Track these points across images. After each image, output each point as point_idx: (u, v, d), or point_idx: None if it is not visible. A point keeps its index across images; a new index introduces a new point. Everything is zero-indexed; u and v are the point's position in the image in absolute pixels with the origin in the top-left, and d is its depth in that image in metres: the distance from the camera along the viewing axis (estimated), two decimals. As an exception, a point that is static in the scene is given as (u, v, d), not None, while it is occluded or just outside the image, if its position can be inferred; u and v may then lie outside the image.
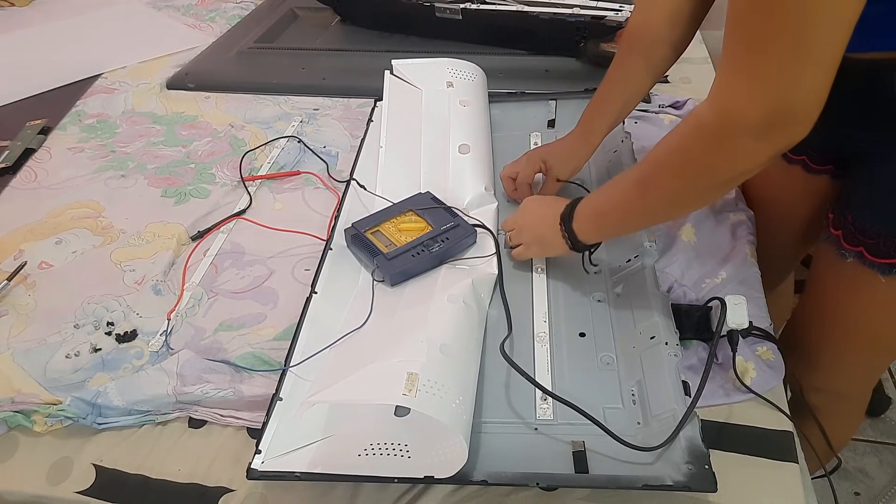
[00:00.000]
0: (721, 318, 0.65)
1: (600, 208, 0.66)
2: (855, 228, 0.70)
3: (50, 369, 0.71)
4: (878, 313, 0.73)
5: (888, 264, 0.67)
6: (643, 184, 0.59)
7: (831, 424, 0.75)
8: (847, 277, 0.72)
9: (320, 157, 1.01)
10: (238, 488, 0.61)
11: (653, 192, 0.59)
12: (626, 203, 0.62)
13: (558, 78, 1.12)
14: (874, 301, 0.72)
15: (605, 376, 0.66)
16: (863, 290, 0.71)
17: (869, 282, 0.69)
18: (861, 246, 0.69)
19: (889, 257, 0.67)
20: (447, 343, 0.61)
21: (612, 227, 0.68)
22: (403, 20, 1.30)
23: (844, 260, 0.71)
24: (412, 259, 0.75)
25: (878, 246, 0.67)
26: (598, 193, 0.66)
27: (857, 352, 0.79)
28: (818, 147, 0.78)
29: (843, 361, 0.80)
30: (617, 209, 0.64)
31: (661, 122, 1.04)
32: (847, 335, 0.78)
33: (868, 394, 0.92)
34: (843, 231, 0.71)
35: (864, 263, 0.69)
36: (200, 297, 0.79)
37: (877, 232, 0.67)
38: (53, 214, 0.93)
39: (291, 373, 0.64)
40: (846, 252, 0.70)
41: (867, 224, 0.68)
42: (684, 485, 0.53)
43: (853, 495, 1.27)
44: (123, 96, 1.21)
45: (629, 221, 0.65)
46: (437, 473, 0.54)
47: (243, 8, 1.54)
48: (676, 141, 0.55)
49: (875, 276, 0.68)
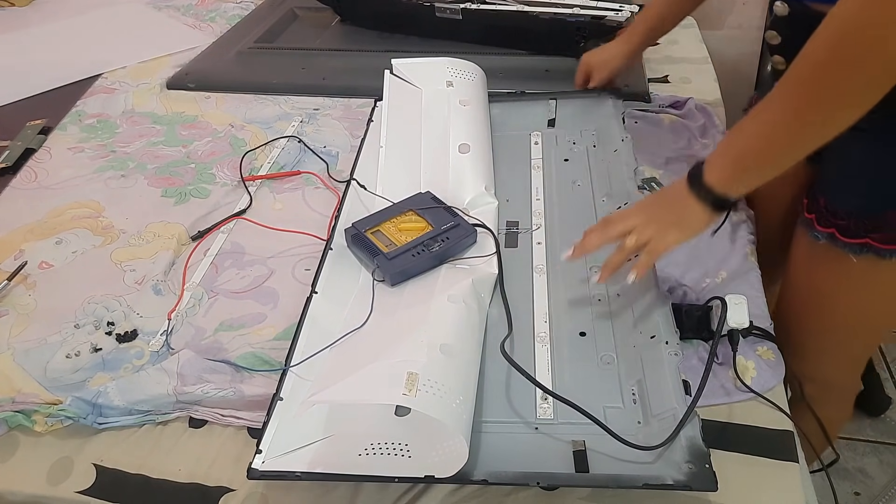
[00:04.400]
0: (722, 318, 0.65)
1: (736, 150, 0.59)
2: (827, 211, 0.71)
3: (50, 369, 0.71)
4: (852, 294, 0.75)
5: (859, 244, 0.69)
6: (784, 104, 0.54)
7: (822, 415, 0.76)
8: (821, 260, 0.74)
9: (320, 157, 1.01)
10: (238, 488, 0.61)
11: (798, 109, 0.53)
12: (769, 132, 0.56)
13: (558, 78, 1.12)
14: (848, 282, 0.73)
15: (606, 376, 0.66)
16: (836, 272, 0.73)
17: (842, 263, 0.71)
18: (833, 228, 0.70)
19: (860, 237, 0.68)
20: (447, 343, 0.61)
21: (753, 168, 0.59)
22: (403, 20, 1.30)
23: (818, 242, 0.72)
24: (412, 259, 0.75)
25: (849, 227, 0.69)
26: (727, 139, 0.60)
27: (836, 336, 0.80)
28: None
29: (826, 348, 0.81)
30: (758, 142, 0.57)
31: (661, 121, 1.04)
32: (825, 319, 0.79)
33: (856, 382, 0.93)
34: (816, 214, 0.72)
35: (836, 245, 0.70)
36: (201, 297, 0.79)
37: (847, 213, 0.69)
38: (53, 214, 0.93)
39: (292, 373, 0.64)
40: (819, 234, 0.72)
41: (838, 206, 0.70)
42: (685, 484, 0.53)
43: (853, 495, 1.27)
44: (123, 96, 1.21)
45: (773, 154, 0.57)
46: (437, 473, 0.54)
47: (243, 8, 1.54)
48: (813, 48, 0.50)
49: (847, 256, 0.70)
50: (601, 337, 0.69)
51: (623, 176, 0.85)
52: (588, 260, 0.78)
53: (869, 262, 0.69)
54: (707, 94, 1.11)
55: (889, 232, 0.67)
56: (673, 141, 1.00)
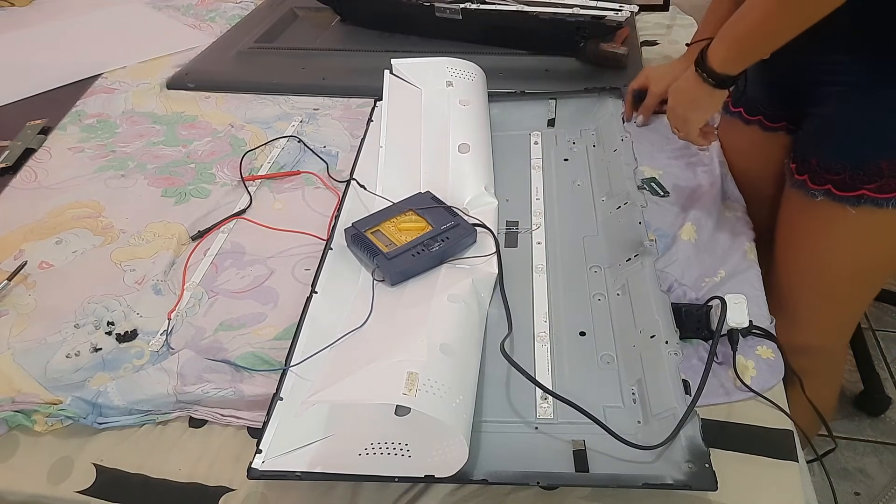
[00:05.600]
0: (721, 318, 0.65)
1: (731, 36, 0.68)
2: (821, 169, 0.74)
3: (50, 369, 0.71)
4: (850, 246, 0.77)
5: (856, 196, 0.72)
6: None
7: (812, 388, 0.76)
8: (817, 217, 0.77)
9: (320, 156, 1.01)
10: (238, 488, 0.61)
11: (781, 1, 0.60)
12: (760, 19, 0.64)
13: (558, 78, 1.12)
14: (847, 235, 0.76)
15: (606, 375, 0.66)
16: (834, 226, 0.76)
17: (840, 216, 0.74)
18: (829, 184, 0.74)
19: (856, 189, 0.72)
20: (447, 342, 0.61)
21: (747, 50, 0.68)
22: (403, 20, 1.30)
23: (814, 200, 0.75)
24: (412, 258, 0.75)
25: (845, 180, 0.72)
26: (724, 29, 0.69)
27: (831, 293, 0.82)
28: (771, 104, 0.87)
29: (816, 310, 0.84)
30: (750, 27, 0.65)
31: (662, 121, 1.03)
32: (820, 277, 0.81)
33: (844, 350, 0.96)
34: (809, 174, 0.76)
35: (833, 200, 0.74)
36: (201, 297, 0.79)
37: (841, 167, 0.72)
38: (53, 214, 0.93)
39: (292, 372, 0.64)
40: (815, 192, 0.75)
41: (831, 162, 0.73)
42: (685, 483, 0.53)
43: (853, 495, 1.27)
44: (123, 96, 1.21)
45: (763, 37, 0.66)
46: (437, 472, 0.54)
47: (243, 8, 1.54)
48: None
49: (845, 209, 0.73)
50: (601, 336, 0.69)
51: (623, 176, 0.85)
52: (588, 260, 0.78)
53: (866, 213, 0.72)
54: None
55: (884, 180, 0.70)
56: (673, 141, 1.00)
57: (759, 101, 0.88)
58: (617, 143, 0.91)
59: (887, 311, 1.64)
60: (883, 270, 0.84)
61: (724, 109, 0.97)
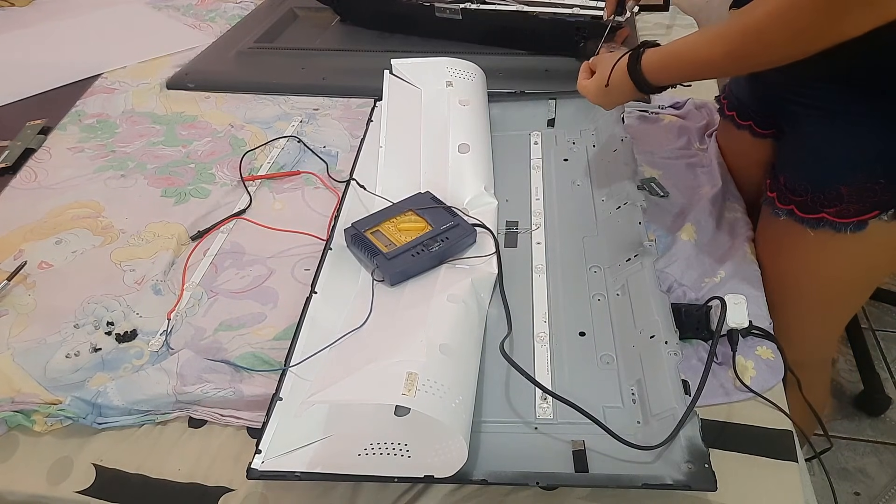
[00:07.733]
0: (721, 318, 0.65)
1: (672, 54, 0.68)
2: (786, 188, 0.75)
3: (50, 369, 0.71)
4: (810, 268, 0.78)
5: (816, 219, 0.73)
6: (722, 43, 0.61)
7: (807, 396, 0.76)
8: (782, 236, 0.78)
9: (320, 157, 1.01)
10: (238, 488, 0.61)
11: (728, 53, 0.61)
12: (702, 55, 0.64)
13: (558, 78, 1.12)
14: (807, 255, 0.77)
15: (605, 375, 0.66)
16: (796, 247, 0.76)
17: (801, 237, 0.74)
18: (792, 205, 0.75)
19: (816, 212, 0.72)
20: (447, 343, 0.61)
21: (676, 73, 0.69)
22: (403, 20, 1.30)
23: (779, 219, 0.76)
24: (412, 259, 0.75)
25: (807, 203, 0.73)
26: (672, 43, 0.69)
27: (797, 313, 0.82)
28: (758, 111, 0.86)
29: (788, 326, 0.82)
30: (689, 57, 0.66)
31: (661, 121, 1.04)
32: (788, 295, 0.81)
33: (827, 364, 0.96)
34: (777, 193, 0.77)
35: (795, 220, 0.74)
36: (200, 297, 0.79)
37: (805, 189, 0.73)
38: (53, 214, 0.93)
39: (291, 373, 0.64)
40: (779, 211, 0.76)
41: (797, 183, 0.74)
42: (684, 484, 0.53)
43: (853, 495, 1.27)
44: (123, 96, 1.21)
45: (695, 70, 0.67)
46: (437, 473, 0.54)
47: (243, 8, 1.54)
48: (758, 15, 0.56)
49: (805, 231, 0.74)
50: (601, 337, 0.69)
51: (623, 176, 0.85)
52: (588, 260, 0.78)
53: (825, 236, 0.73)
54: (706, 93, 1.11)
55: (843, 206, 0.70)
56: (673, 141, 1.00)
57: (749, 107, 0.88)
58: (617, 144, 0.91)
59: (887, 311, 1.64)
60: (850, 292, 0.83)
61: (719, 112, 0.97)
